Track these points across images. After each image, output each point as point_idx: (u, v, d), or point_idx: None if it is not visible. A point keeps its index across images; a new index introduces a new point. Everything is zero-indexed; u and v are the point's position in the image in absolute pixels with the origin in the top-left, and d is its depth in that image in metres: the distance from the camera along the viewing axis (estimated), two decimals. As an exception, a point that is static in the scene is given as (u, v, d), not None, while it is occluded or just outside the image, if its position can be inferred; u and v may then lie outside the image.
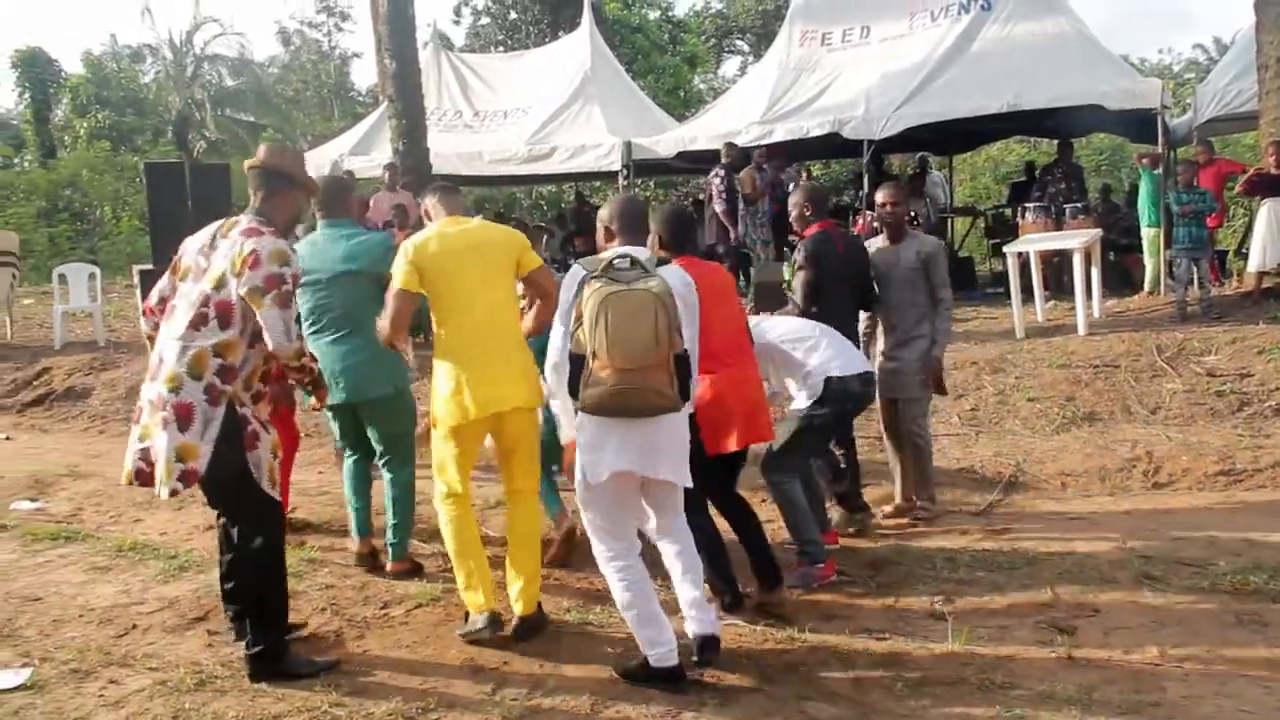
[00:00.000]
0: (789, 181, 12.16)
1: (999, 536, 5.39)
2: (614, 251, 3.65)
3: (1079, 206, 11.32)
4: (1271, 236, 9.54)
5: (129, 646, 4.17)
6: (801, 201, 5.62)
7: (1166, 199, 10.17)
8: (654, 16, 29.90)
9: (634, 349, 3.36)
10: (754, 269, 11.48)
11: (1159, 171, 10.80)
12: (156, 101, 32.99)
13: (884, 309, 5.63)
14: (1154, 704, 3.46)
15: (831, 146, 13.32)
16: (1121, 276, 11.63)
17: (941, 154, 17.24)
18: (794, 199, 5.75)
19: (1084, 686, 3.59)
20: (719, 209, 11.33)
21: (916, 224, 9.72)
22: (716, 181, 11.34)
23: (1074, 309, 9.20)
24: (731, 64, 36.44)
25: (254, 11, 68.62)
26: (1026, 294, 9.58)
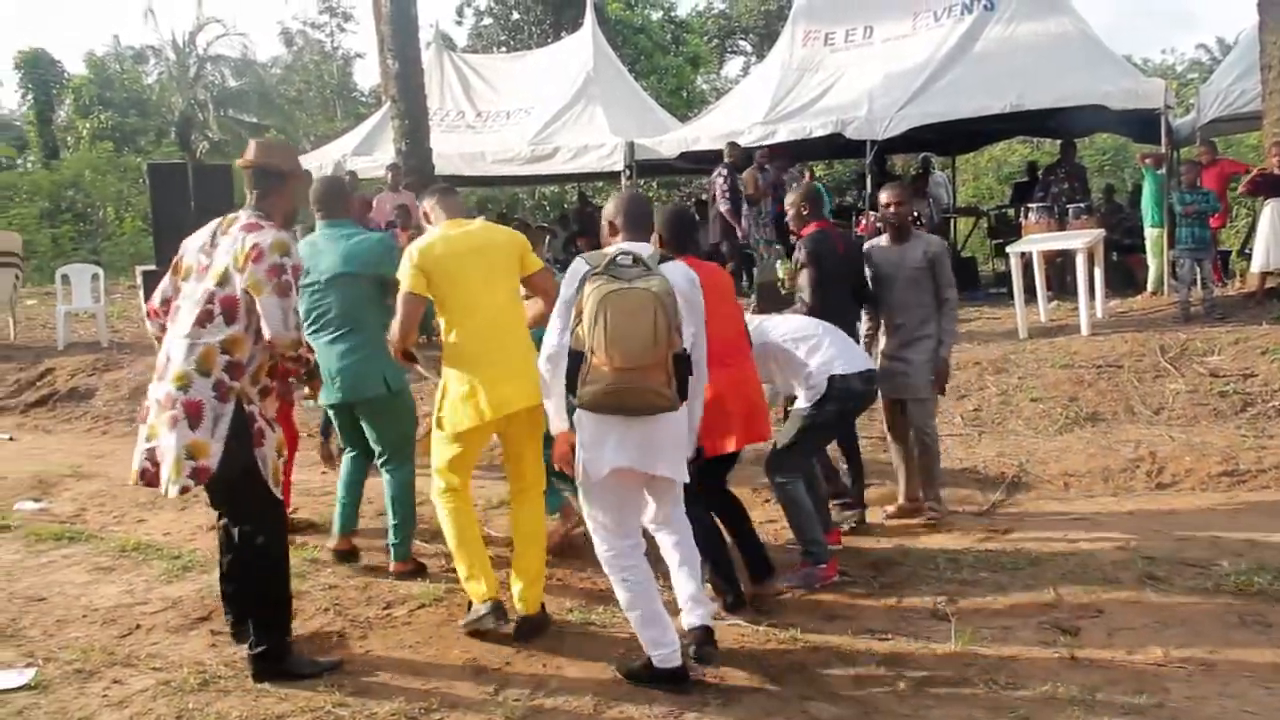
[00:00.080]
0: (791, 181, 12.15)
1: (1002, 537, 5.39)
2: (617, 248, 3.64)
3: (1082, 207, 11.31)
4: (1275, 237, 9.52)
5: (133, 646, 4.18)
6: (798, 201, 5.63)
7: (1169, 199, 10.15)
8: (656, 17, 29.91)
9: (632, 348, 3.36)
10: (757, 269, 11.47)
11: (1162, 172, 10.79)
12: (159, 102, 33.05)
13: (887, 309, 5.60)
14: (1157, 705, 3.46)
15: (834, 147, 13.34)
16: (1124, 277, 11.61)
17: (944, 154, 17.22)
18: (790, 199, 5.75)
19: (1087, 687, 3.58)
20: (723, 208, 11.33)
21: (920, 224, 9.70)
22: (720, 181, 11.33)
23: (1077, 309, 9.18)
24: (734, 64, 36.55)
25: (257, 12, 68.86)
26: (1029, 294, 9.56)
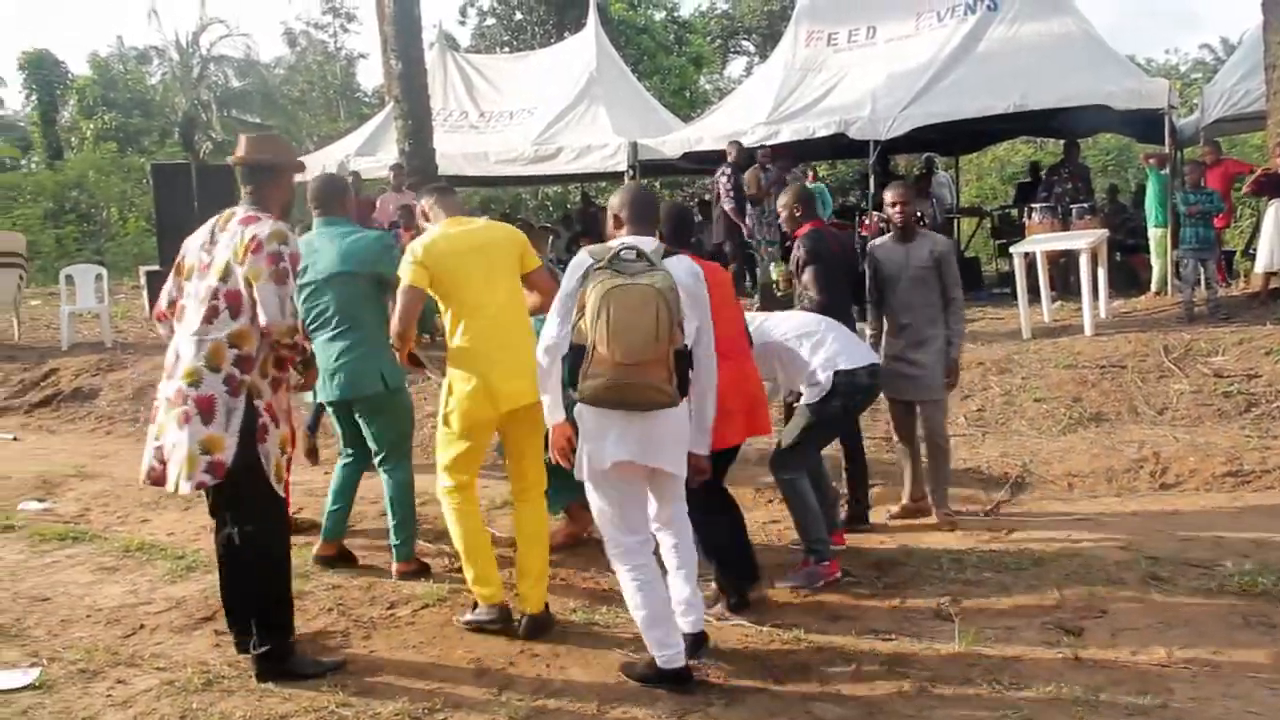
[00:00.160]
0: (794, 181, 12.14)
1: (1005, 537, 5.39)
2: (620, 242, 3.62)
3: (1085, 207, 11.30)
4: (1279, 237, 9.50)
5: (136, 646, 4.19)
6: (790, 203, 5.61)
7: (1173, 199, 10.14)
8: (659, 17, 29.88)
9: (634, 343, 3.35)
10: (760, 268, 11.48)
11: (1166, 172, 10.78)
12: (163, 103, 33.09)
13: (891, 310, 5.56)
14: (1161, 705, 3.46)
15: (837, 147, 13.35)
16: (1128, 277, 11.61)
17: (948, 154, 17.21)
18: (782, 201, 5.71)
19: (1091, 688, 3.58)
20: (727, 207, 11.34)
21: (923, 224, 9.70)
22: (723, 180, 11.35)
23: (1080, 309, 9.18)
24: (737, 64, 36.51)
25: (260, 13, 68.85)
26: (1033, 294, 9.55)
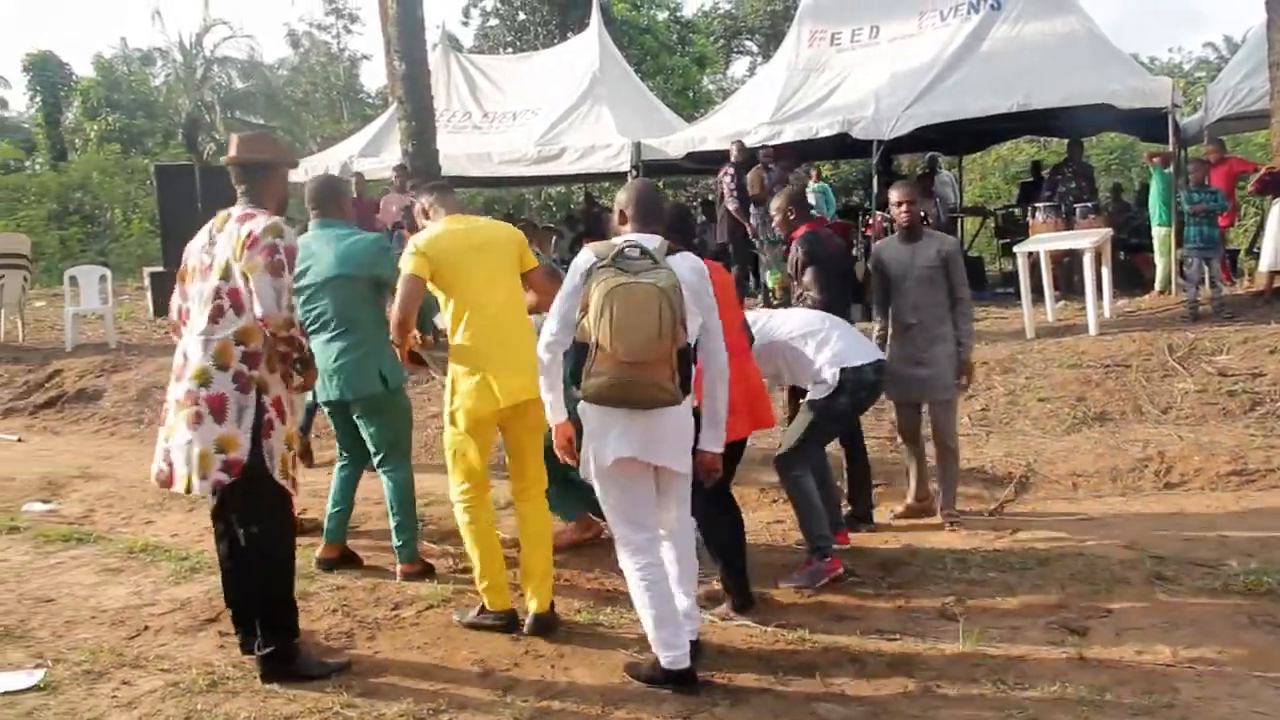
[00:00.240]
0: (797, 182, 12.15)
1: (1010, 537, 5.38)
2: (625, 239, 3.61)
3: (1089, 206, 11.29)
4: (1284, 236, 9.49)
5: (141, 648, 4.19)
6: (784, 206, 5.59)
7: (1177, 198, 10.13)
8: (662, 17, 29.89)
9: (636, 342, 3.35)
10: (763, 268, 11.47)
11: (1170, 170, 10.76)
12: (167, 104, 33.18)
13: (897, 310, 5.52)
14: (1167, 705, 3.45)
15: (841, 147, 13.33)
16: (1132, 276, 11.59)
17: (951, 154, 17.19)
18: (775, 204, 5.69)
19: (1096, 687, 3.57)
20: (731, 207, 11.33)
21: (927, 224, 9.70)
22: (727, 180, 11.34)
23: (1084, 309, 9.17)
24: (740, 64, 36.50)
25: (263, 14, 68.94)
26: (1037, 294, 9.54)
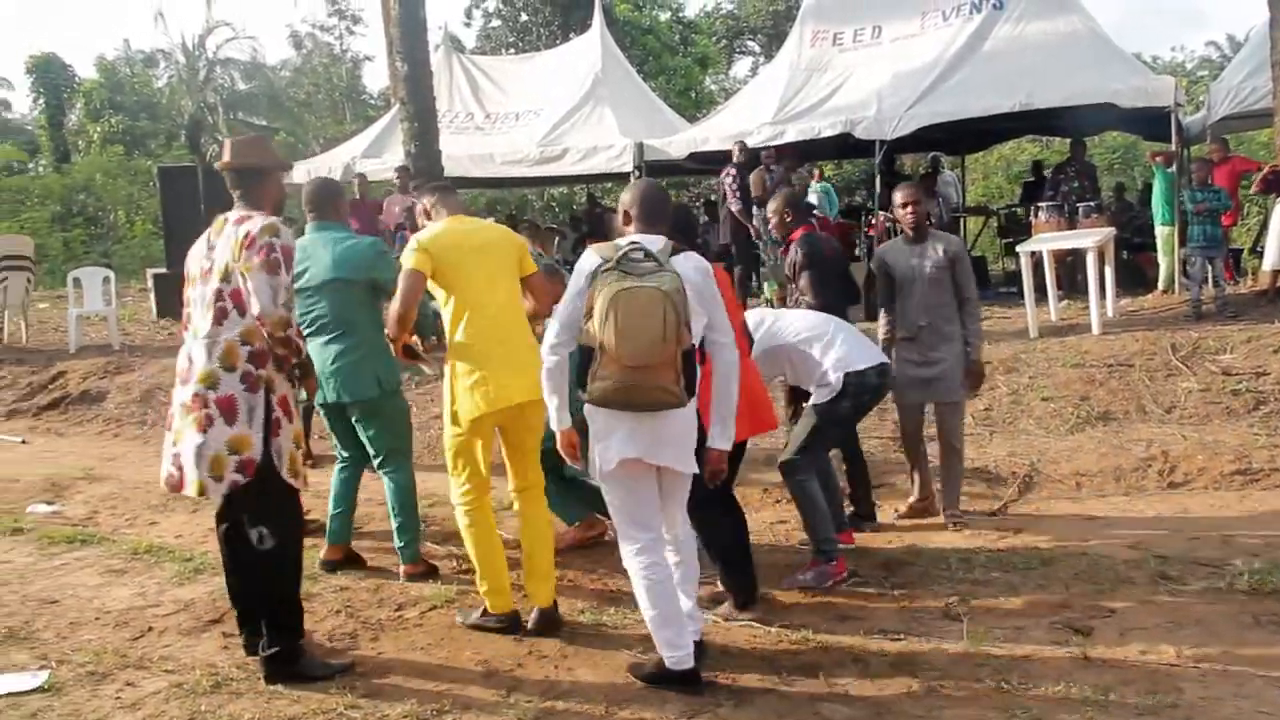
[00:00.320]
0: (799, 182, 12.13)
1: (1014, 536, 5.38)
2: (629, 240, 3.60)
3: (1092, 205, 11.27)
4: (1287, 234, 9.47)
5: (145, 649, 4.19)
6: (781, 208, 5.58)
7: (1180, 197, 10.12)
8: (665, 18, 29.88)
9: (640, 347, 3.35)
10: (765, 269, 11.46)
11: (1173, 170, 10.75)
12: (169, 106, 33.20)
13: (904, 313, 5.48)
14: (1171, 705, 3.44)
15: (843, 147, 13.32)
16: (1135, 275, 11.58)
17: (954, 153, 17.18)
18: (772, 206, 5.67)
19: (1100, 687, 3.57)
20: (734, 208, 11.31)
21: (930, 224, 9.69)
22: (729, 180, 11.32)
23: (1088, 308, 9.15)
24: (743, 65, 36.47)
25: (266, 15, 69.01)
26: (1040, 293, 9.53)
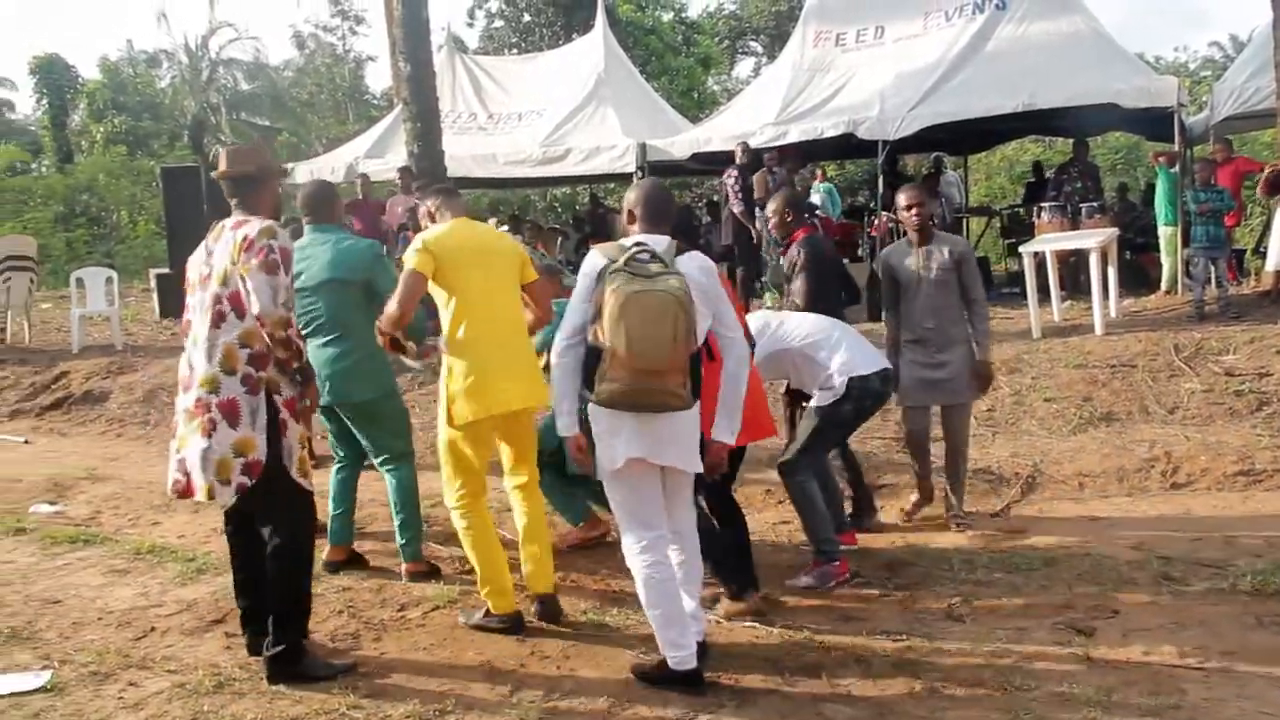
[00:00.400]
0: (802, 183, 12.12)
1: (1016, 537, 5.37)
2: (634, 241, 3.60)
3: (1095, 206, 11.25)
4: (1290, 235, 9.45)
5: (148, 649, 4.20)
6: (780, 209, 5.56)
7: (1183, 198, 10.10)
8: (667, 18, 29.87)
9: (653, 351, 3.35)
10: (767, 270, 11.45)
11: (1176, 170, 10.73)
12: (172, 106, 33.22)
13: (910, 316, 5.44)
14: (1174, 706, 3.44)
15: (846, 147, 13.32)
16: (1138, 276, 11.56)
17: (956, 154, 17.17)
18: (772, 207, 5.65)
19: (1103, 688, 3.56)
20: (736, 209, 11.30)
21: (933, 225, 9.69)
22: (731, 182, 11.32)
23: (1090, 309, 9.14)
24: (745, 65, 36.42)
25: (269, 16, 69.07)
26: (1043, 294, 9.53)
